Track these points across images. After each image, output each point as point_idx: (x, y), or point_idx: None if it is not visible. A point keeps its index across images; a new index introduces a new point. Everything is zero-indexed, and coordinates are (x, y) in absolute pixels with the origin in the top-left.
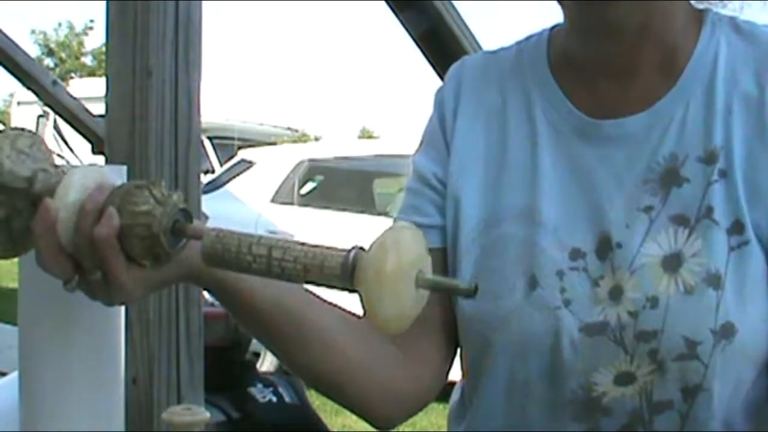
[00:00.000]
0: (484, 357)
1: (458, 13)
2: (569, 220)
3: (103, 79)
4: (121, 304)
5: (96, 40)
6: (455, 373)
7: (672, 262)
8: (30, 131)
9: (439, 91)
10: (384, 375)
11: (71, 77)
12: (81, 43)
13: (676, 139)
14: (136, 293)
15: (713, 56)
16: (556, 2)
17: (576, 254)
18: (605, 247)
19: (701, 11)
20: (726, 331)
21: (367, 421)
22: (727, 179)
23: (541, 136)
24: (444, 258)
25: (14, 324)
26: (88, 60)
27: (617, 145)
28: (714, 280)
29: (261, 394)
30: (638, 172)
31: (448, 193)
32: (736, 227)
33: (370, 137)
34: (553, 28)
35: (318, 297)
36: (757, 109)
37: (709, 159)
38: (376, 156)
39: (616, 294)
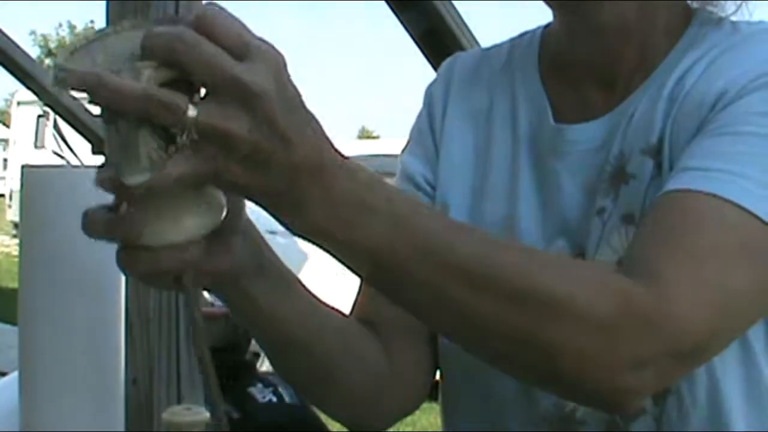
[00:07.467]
0: (461, 372)
1: (458, 13)
2: (545, 233)
3: None
4: None
5: None
6: None
7: None
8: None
9: (429, 87)
10: (367, 386)
11: None
12: None
13: (623, 135)
14: None
15: (683, 56)
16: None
17: None
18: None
19: (692, 11)
20: None
21: (343, 424)
22: (662, 173)
23: (522, 142)
24: None
25: (14, 324)
26: None
27: (580, 150)
28: None
29: (261, 394)
30: (595, 176)
31: (437, 197)
32: None
33: (369, 137)
34: (547, 25)
35: (321, 305)
36: (702, 105)
37: (651, 152)
38: (376, 156)
39: None
